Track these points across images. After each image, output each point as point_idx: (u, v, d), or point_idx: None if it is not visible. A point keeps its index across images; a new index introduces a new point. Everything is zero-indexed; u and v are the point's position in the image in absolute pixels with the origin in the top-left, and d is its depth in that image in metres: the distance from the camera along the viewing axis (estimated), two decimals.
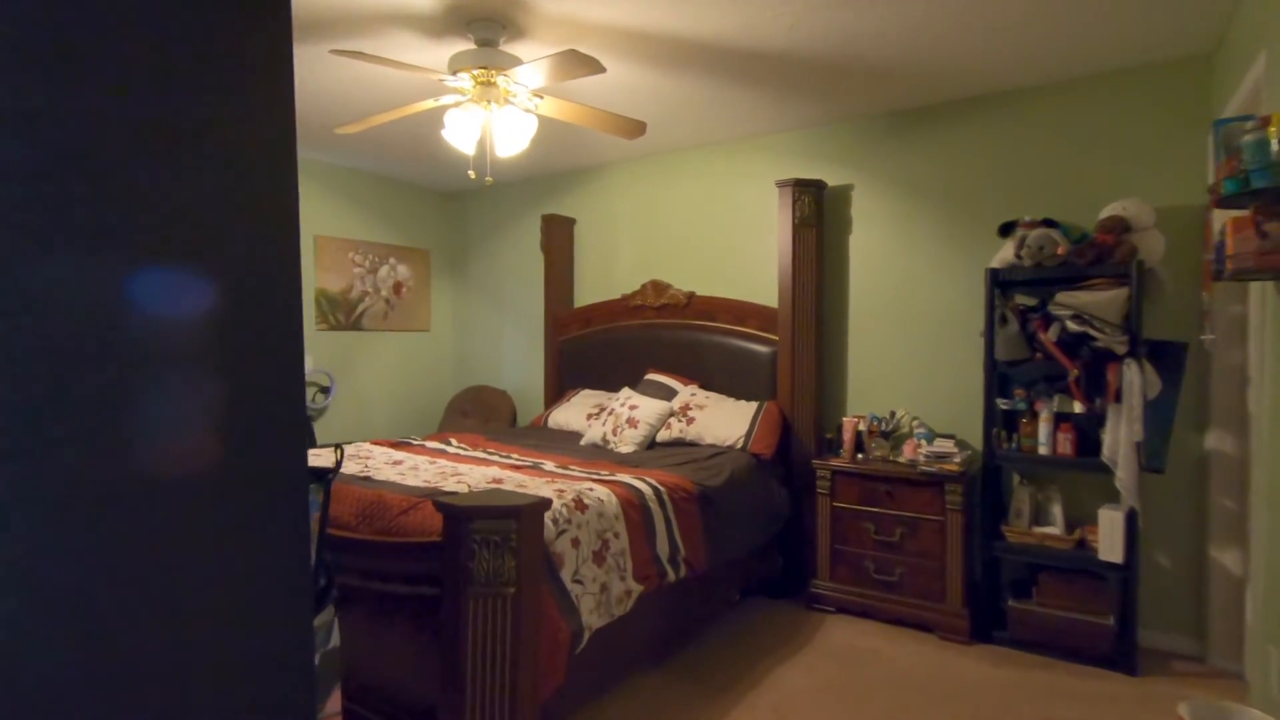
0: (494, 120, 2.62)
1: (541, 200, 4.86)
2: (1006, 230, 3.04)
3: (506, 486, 2.38)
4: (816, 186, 3.54)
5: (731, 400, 3.64)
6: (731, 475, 3.02)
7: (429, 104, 2.66)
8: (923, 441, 3.25)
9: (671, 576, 2.53)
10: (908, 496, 3.09)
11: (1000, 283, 2.98)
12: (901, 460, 3.22)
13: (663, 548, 2.51)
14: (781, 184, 3.54)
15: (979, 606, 3.01)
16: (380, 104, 3.23)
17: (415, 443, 3.32)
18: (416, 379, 5.16)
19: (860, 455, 3.35)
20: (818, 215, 3.54)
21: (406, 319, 5.08)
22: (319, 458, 2.78)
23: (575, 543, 2.14)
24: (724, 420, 3.46)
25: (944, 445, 3.18)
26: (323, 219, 4.52)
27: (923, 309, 3.45)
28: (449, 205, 5.40)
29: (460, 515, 1.70)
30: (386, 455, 2.93)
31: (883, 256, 3.57)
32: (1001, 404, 3.00)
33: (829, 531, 3.28)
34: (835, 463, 3.28)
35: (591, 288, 4.62)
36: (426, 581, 1.89)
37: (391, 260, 4.97)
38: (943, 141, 3.39)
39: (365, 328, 4.80)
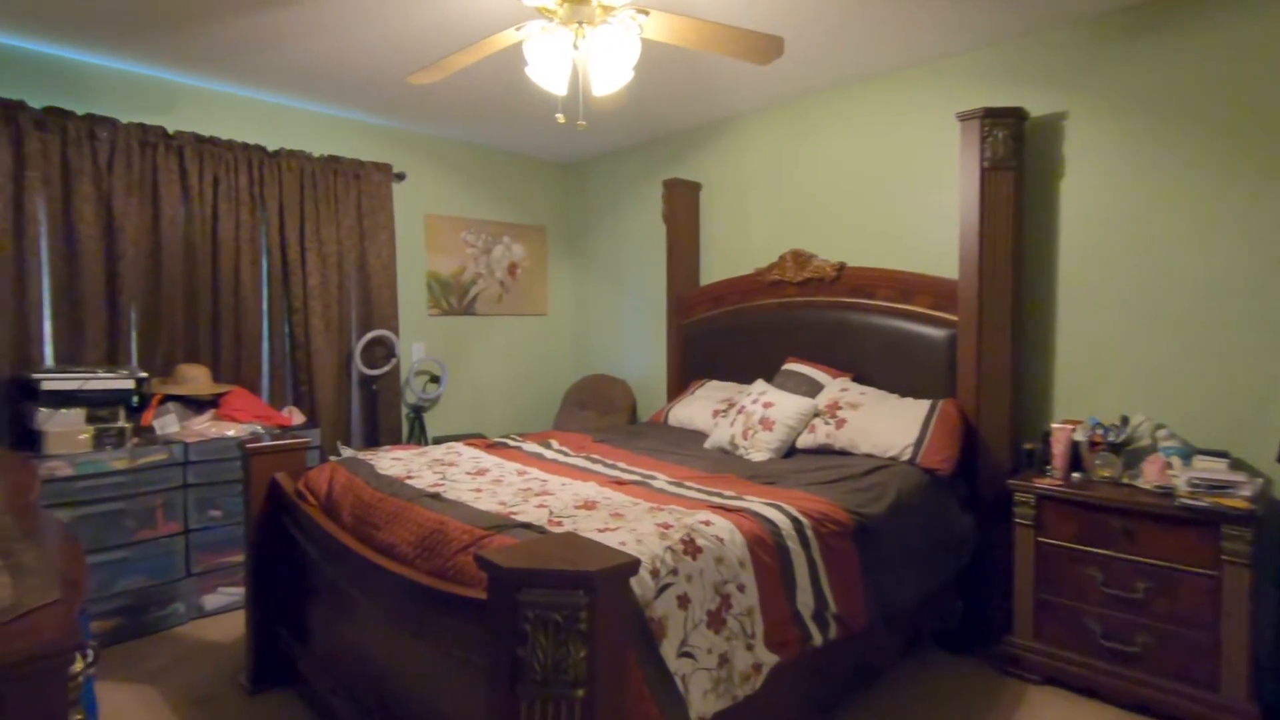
0: (588, 48, 2.08)
1: (664, 164, 4.29)
2: None
3: (599, 514, 1.86)
4: (1014, 116, 2.67)
5: (895, 398, 2.88)
6: (897, 499, 2.30)
7: (509, 34, 2.17)
8: (1174, 460, 2.34)
9: (817, 639, 1.89)
10: (1157, 538, 2.21)
11: None
12: (1143, 485, 2.34)
13: (805, 601, 1.88)
14: (965, 117, 2.71)
15: (1274, 702, 2.09)
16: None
17: (512, 444, 2.90)
18: (533, 366, 4.81)
19: (1077, 475, 2.49)
20: (1016, 155, 2.67)
21: (522, 302, 4.74)
22: (397, 461, 2.42)
23: (683, 601, 1.57)
24: (885, 423, 2.72)
25: (1210, 466, 2.27)
26: (433, 197, 4.25)
27: (1174, 276, 2.50)
28: (565, 176, 4.98)
29: (505, 580, 1.19)
30: (474, 461, 2.52)
31: (1111, 206, 2.63)
32: None
33: (1033, 575, 2.46)
34: (1042, 484, 2.45)
35: (721, 262, 3.99)
36: (484, 651, 1.40)
37: (506, 239, 4.63)
38: (1212, 41, 2.40)
39: (478, 312, 4.51)
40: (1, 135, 2.78)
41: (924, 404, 2.76)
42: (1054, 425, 2.56)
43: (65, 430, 2.69)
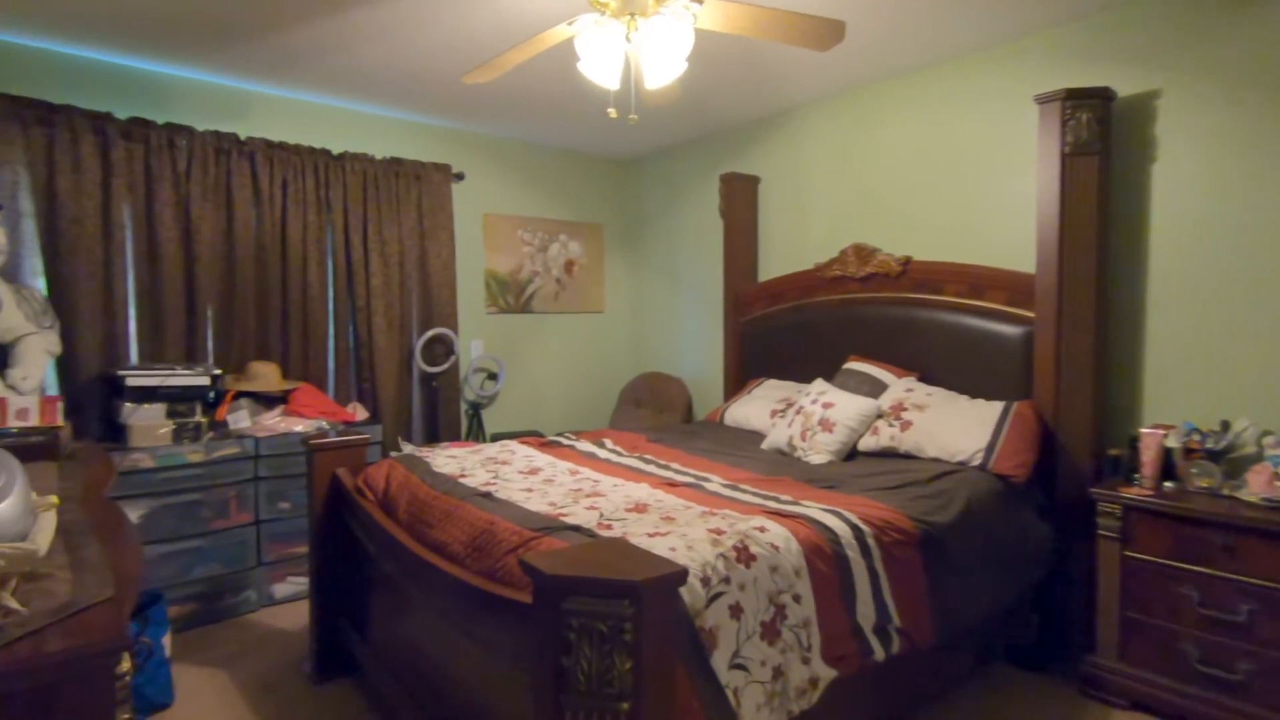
0: (640, 40, 2.03)
1: (721, 158, 4.20)
2: None
3: (649, 517, 1.82)
4: (1100, 97, 2.48)
5: (964, 399, 2.73)
6: (967, 507, 2.17)
7: (562, 29, 2.14)
8: None
9: (879, 654, 1.80)
10: (1264, 556, 2.01)
11: None
12: (1247, 497, 2.13)
13: (866, 614, 1.79)
14: (1044, 99, 2.54)
15: None
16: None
17: (566, 443, 2.89)
18: (589, 364, 4.81)
19: (1169, 484, 2.30)
20: (1101, 138, 2.48)
21: (578, 300, 4.75)
22: (452, 459, 2.44)
23: (735, 611, 1.52)
24: (954, 426, 2.58)
25: None
26: (490, 196, 4.29)
27: None
28: (622, 173, 4.95)
29: (549, 587, 1.16)
30: (527, 459, 2.52)
31: (1209, 191, 2.41)
32: None
33: (1118, 592, 2.29)
34: (1129, 493, 2.27)
35: (779, 257, 3.89)
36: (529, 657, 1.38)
37: (562, 237, 4.64)
38: None
39: (536, 310, 4.53)
40: (91, 145, 2.95)
41: (996, 406, 2.60)
42: (1143, 430, 2.37)
43: (148, 424, 2.83)
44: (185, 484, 2.88)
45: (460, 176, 4.08)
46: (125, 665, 0.83)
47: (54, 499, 1.10)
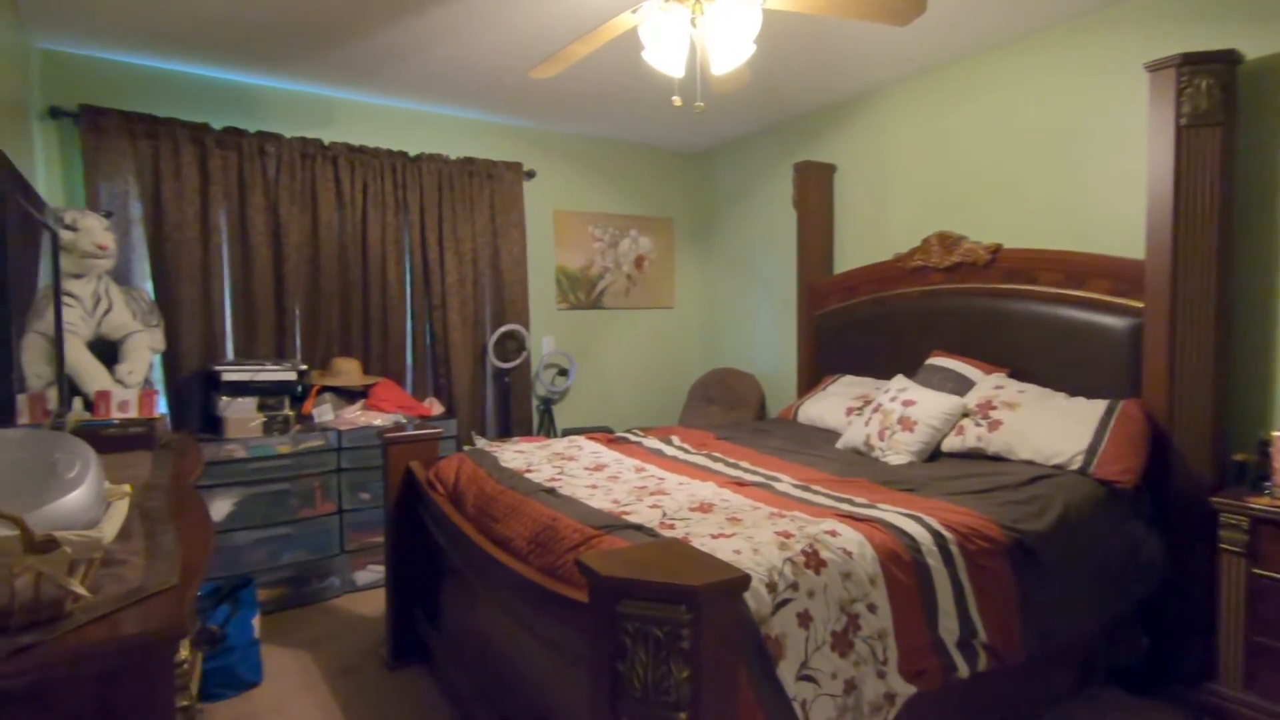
0: (706, 24, 1.97)
1: (795, 147, 4.06)
2: None
3: (714, 518, 1.75)
4: (1223, 61, 2.22)
5: (1061, 397, 2.52)
6: (1064, 514, 2.00)
7: (626, 18, 2.10)
8: None
9: (963, 670, 1.67)
10: None
11: None
12: None
13: (949, 627, 1.66)
14: (1155, 66, 2.30)
15: None
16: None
17: (633, 439, 2.86)
18: (659, 360, 4.77)
19: None
20: (1224, 107, 2.22)
21: (649, 295, 4.71)
22: (520, 454, 2.44)
23: (804, 619, 1.44)
24: (1050, 426, 2.38)
25: None
26: (561, 193, 4.31)
27: None
28: (693, 166, 4.88)
29: (604, 589, 1.12)
30: (594, 456, 2.50)
31: None
32: None
33: (1244, 613, 2.05)
34: (1258, 504, 2.02)
35: (856, 248, 3.72)
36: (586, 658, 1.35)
37: (633, 232, 4.62)
38: None
39: (606, 306, 4.53)
40: (191, 155, 3.14)
41: (1099, 404, 2.39)
42: (1275, 433, 2.11)
43: (241, 417, 3.00)
44: (275, 474, 3.03)
45: (531, 174, 4.12)
46: (184, 653, 0.86)
47: (127, 488, 1.16)
